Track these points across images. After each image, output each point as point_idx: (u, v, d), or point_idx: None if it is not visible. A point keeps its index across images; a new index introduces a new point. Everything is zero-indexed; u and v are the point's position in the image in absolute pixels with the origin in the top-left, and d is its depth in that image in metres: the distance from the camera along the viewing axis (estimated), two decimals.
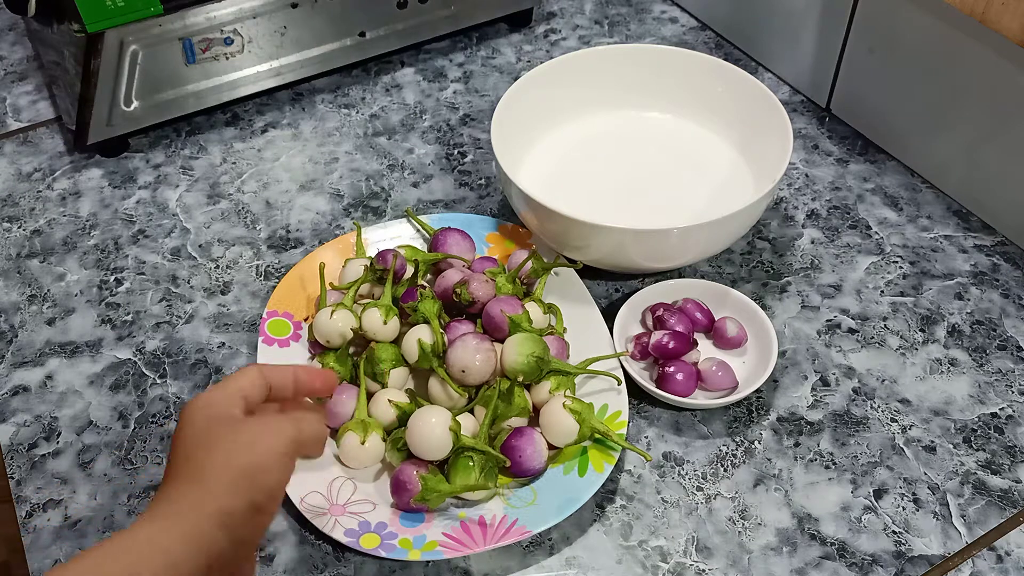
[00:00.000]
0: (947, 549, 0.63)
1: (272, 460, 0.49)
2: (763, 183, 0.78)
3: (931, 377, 0.73)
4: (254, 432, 0.50)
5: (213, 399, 0.51)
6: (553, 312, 0.74)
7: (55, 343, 0.76)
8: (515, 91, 0.82)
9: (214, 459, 0.48)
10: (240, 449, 0.49)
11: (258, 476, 0.48)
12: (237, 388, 0.52)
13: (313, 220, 0.86)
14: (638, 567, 0.62)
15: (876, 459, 0.68)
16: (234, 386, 0.52)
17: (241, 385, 0.52)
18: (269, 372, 0.54)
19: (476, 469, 0.62)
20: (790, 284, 0.79)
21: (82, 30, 0.83)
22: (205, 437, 0.49)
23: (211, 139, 0.94)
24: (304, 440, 0.51)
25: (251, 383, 0.52)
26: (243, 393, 0.52)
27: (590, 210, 0.70)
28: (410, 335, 0.69)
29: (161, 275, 0.81)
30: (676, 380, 0.69)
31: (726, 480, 0.67)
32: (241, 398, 0.51)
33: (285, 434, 0.50)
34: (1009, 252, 0.81)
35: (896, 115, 0.88)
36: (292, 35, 0.92)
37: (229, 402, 0.51)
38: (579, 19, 1.08)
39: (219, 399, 0.51)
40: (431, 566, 0.63)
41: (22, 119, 0.97)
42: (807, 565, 0.62)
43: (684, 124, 0.87)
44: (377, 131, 0.95)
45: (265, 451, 0.49)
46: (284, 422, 0.51)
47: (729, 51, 1.02)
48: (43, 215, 0.87)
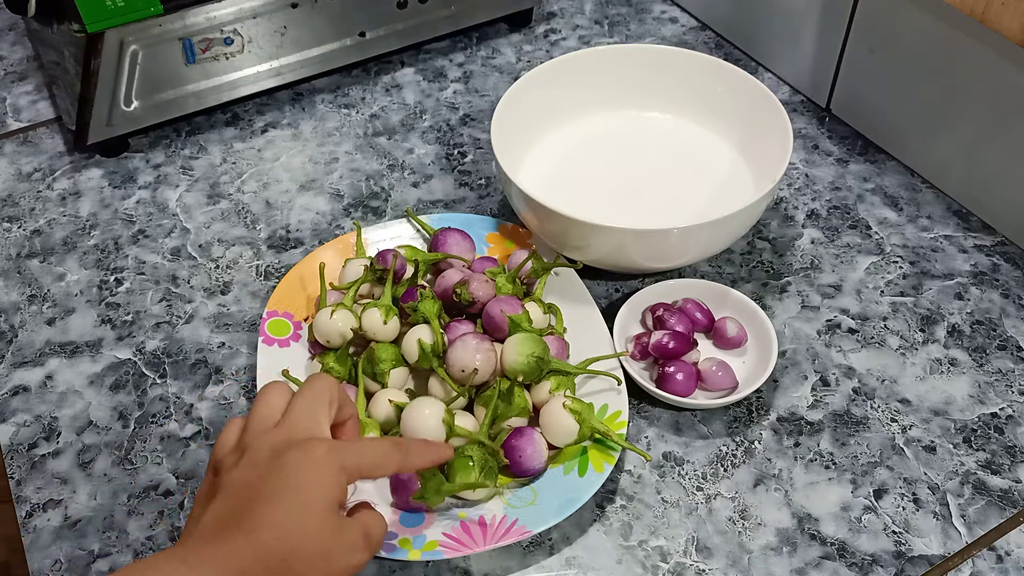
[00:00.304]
0: (947, 549, 0.63)
1: (345, 564, 0.47)
2: (763, 183, 0.78)
3: (931, 377, 0.73)
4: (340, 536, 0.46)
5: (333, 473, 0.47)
6: (553, 312, 0.74)
7: (55, 343, 0.76)
8: (515, 91, 0.82)
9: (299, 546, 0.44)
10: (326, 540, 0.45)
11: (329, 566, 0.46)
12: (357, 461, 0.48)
13: (313, 220, 0.86)
14: (638, 567, 0.62)
15: (876, 459, 0.68)
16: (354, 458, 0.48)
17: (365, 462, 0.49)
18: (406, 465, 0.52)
19: (476, 468, 0.62)
20: (790, 284, 0.79)
21: (82, 30, 0.83)
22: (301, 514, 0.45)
23: (211, 139, 0.94)
24: (372, 539, 0.49)
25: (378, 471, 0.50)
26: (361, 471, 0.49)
27: (590, 210, 0.70)
28: (410, 335, 0.69)
29: (161, 275, 0.81)
30: (676, 380, 0.69)
31: (726, 480, 0.67)
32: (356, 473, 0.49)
33: (357, 547, 0.48)
34: (1009, 252, 0.81)
35: (896, 115, 0.88)
36: (292, 35, 0.92)
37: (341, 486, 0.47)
38: (579, 19, 1.08)
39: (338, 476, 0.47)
40: (431, 566, 0.63)
41: (22, 119, 0.97)
42: (807, 565, 0.62)
43: (684, 124, 0.87)
44: (377, 131, 0.95)
45: (345, 559, 0.47)
46: (355, 529, 0.48)
47: (729, 51, 1.02)
48: (43, 215, 0.87)
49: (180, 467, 0.68)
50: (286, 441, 0.48)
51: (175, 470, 0.68)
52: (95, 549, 0.64)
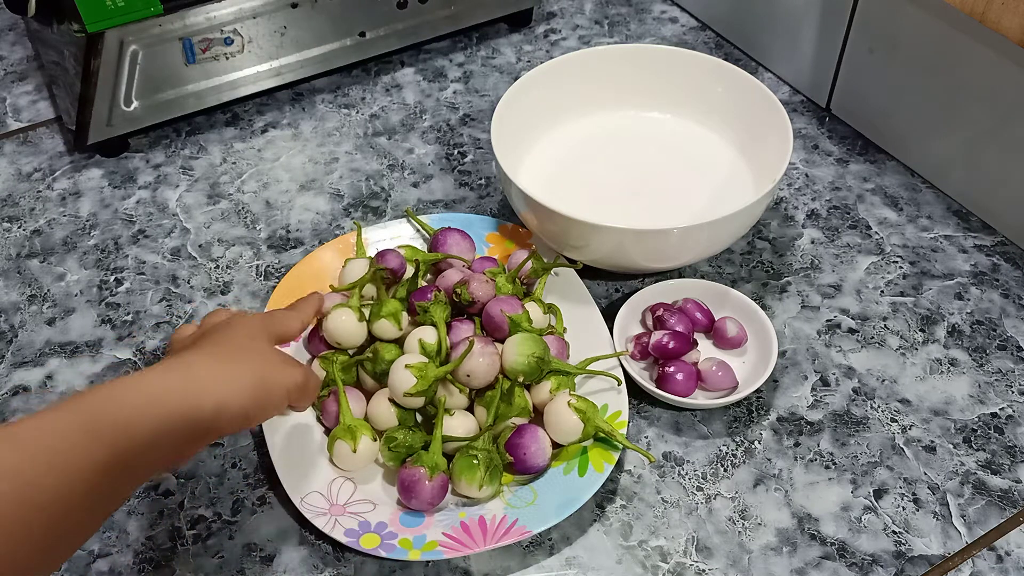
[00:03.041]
0: (947, 549, 0.63)
1: (279, 389, 0.55)
2: (763, 183, 0.78)
3: (931, 377, 0.73)
4: (279, 361, 0.56)
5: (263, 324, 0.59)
6: (553, 312, 0.74)
7: (55, 343, 0.76)
8: (515, 91, 0.82)
9: (244, 361, 0.54)
10: (265, 367, 0.55)
11: (264, 395, 0.54)
12: (283, 330, 0.61)
13: (313, 220, 0.86)
14: (638, 567, 0.62)
15: (876, 459, 0.68)
16: (280, 328, 0.61)
17: (286, 328, 0.62)
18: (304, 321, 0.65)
19: (481, 468, 0.62)
20: (790, 284, 0.79)
21: (82, 30, 0.83)
22: (251, 344, 0.56)
23: (211, 139, 0.94)
24: (308, 391, 0.58)
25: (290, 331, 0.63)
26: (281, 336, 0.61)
27: (590, 210, 0.70)
28: (412, 336, 0.68)
29: (161, 275, 0.81)
30: (676, 380, 0.69)
31: (726, 480, 0.67)
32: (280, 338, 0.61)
33: (297, 376, 0.56)
34: (1009, 252, 0.81)
35: (896, 115, 0.88)
36: (292, 35, 0.92)
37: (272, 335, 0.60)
38: (579, 19, 1.08)
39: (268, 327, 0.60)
40: (431, 566, 0.63)
41: (22, 119, 0.97)
42: (807, 565, 0.62)
43: (684, 124, 0.87)
44: (377, 131, 0.95)
45: (280, 380, 0.55)
46: (300, 368, 0.58)
47: (729, 51, 1.02)
48: (43, 215, 0.87)
49: (180, 467, 0.68)
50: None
51: (175, 470, 0.68)
52: (95, 549, 0.64)
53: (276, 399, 0.55)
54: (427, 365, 0.65)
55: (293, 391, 0.56)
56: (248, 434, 0.70)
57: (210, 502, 0.66)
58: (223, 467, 0.68)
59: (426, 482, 0.62)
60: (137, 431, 0.46)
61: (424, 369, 0.65)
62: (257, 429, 0.69)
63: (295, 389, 0.56)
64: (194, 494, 0.67)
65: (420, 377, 0.64)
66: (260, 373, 0.54)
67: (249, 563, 0.63)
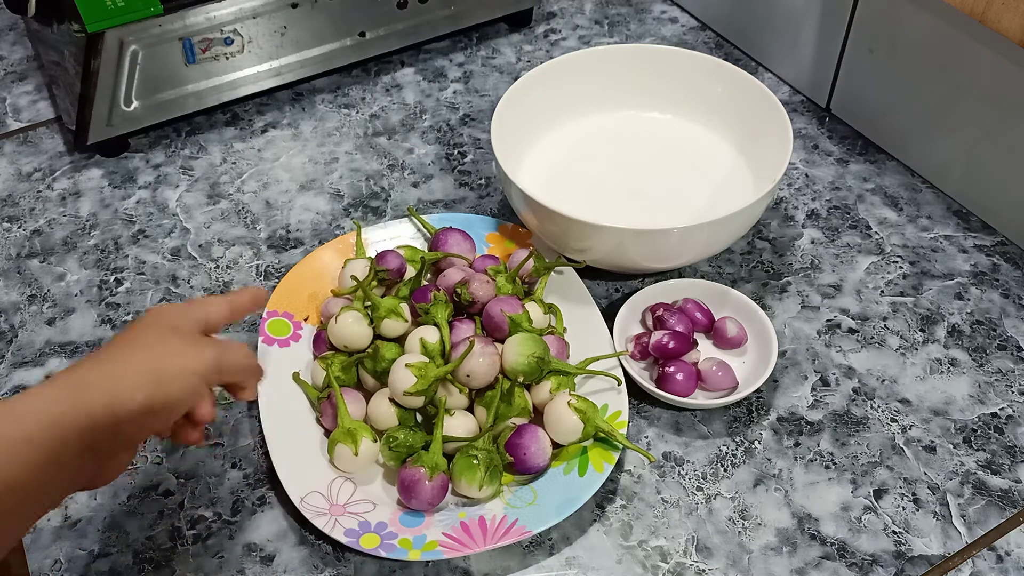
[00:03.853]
0: (947, 549, 0.63)
1: (181, 375, 0.51)
2: (763, 183, 0.78)
3: (931, 377, 0.73)
4: (179, 345, 0.52)
5: (175, 312, 0.55)
6: (553, 312, 0.74)
7: (55, 343, 0.76)
8: (515, 91, 0.82)
9: (133, 354, 0.51)
10: (158, 355, 0.51)
11: (162, 383, 0.50)
12: (204, 315, 0.55)
13: (313, 220, 0.86)
14: (638, 567, 0.62)
15: (876, 459, 0.68)
16: (201, 312, 0.55)
17: (208, 312, 0.56)
18: (235, 308, 0.58)
19: (481, 468, 0.62)
20: (790, 284, 0.79)
21: (82, 30, 0.83)
22: (142, 336, 0.52)
23: (211, 139, 0.94)
24: (225, 367, 0.54)
25: (218, 315, 0.56)
26: (207, 320, 0.55)
27: (590, 210, 0.70)
28: (413, 335, 0.68)
29: (161, 275, 0.81)
30: (676, 380, 0.69)
31: (726, 480, 0.67)
32: (203, 323, 0.55)
33: (205, 356, 0.53)
34: (1009, 252, 0.81)
35: (896, 115, 0.88)
36: (292, 35, 0.92)
37: (186, 321, 0.54)
38: (579, 19, 1.08)
39: (180, 315, 0.54)
40: (431, 566, 0.63)
41: (22, 119, 0.97)
42: (807, 565, 0.62)
43: (684, 124, 0.87)
44: (377, 131, 0.95)
45: (179, 364, 0.51)
46: (209, 346, 0.53)
47: (729, 51, 1.02)
48: (43, 215, 0.87)
49: (180, 467, 0.68)
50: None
51: (175, 470, 0.68)
52: (95, 549, 0.64)
53: (181, 384, 0.51)
54: (427, 365, 0.65)
55: (205, 372, 0.53)
56: (248, 434, 0.70)
57: (210, 502, 0.66)
58: (223, 467, 0.68)
59: (426, 482, 0.62)
60: (31, 455, 0.45)
61: (424, 369, 0.65)
62: (257, 429, 0.69)
63: (207, 370, 0.53)
64: (194, 494, 0.67)
65: (420, 377, 0.64)
66: (153, 362, 0.51)
67: (249, 563, 0.63)
